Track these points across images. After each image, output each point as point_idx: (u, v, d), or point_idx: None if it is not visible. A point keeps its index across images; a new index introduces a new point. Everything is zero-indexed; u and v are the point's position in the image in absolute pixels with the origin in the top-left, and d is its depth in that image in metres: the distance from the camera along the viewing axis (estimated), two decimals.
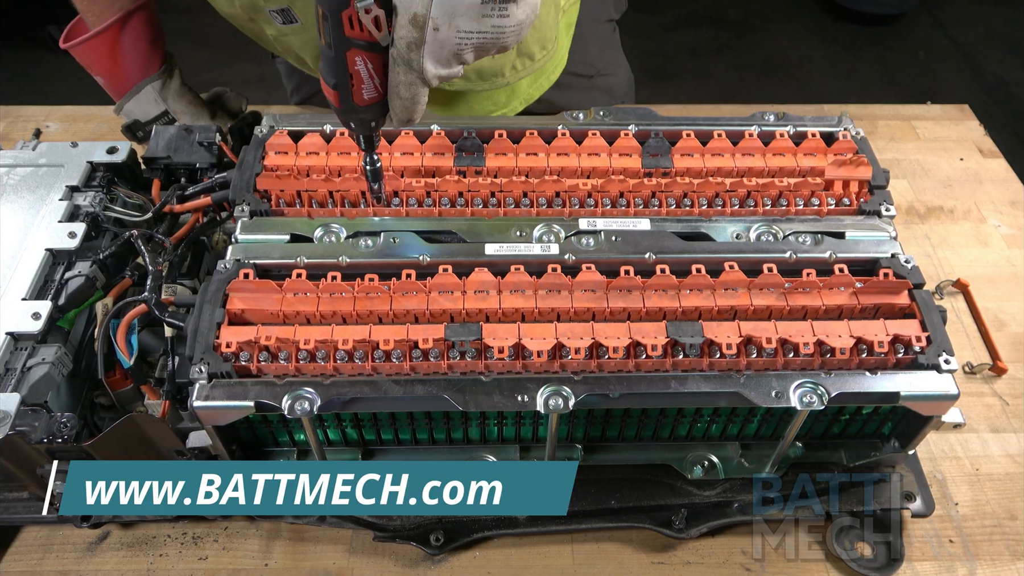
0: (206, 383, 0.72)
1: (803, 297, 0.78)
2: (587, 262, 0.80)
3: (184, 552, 0.82)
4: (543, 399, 0.73)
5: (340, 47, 0.63)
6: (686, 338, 0.75)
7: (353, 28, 0.62)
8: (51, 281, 0.84)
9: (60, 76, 3.03)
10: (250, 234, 0.84)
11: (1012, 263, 1.13)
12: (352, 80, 0.66)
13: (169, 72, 1.14)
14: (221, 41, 3.23)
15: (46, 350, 0.79)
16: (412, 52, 0.63)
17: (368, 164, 0.79)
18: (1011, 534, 0.85)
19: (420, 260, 0.81)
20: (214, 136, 1.00)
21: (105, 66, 1.10)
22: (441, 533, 0.81)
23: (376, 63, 0.65)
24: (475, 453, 0.86)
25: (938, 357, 0.75)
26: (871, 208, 0.88)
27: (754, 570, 0.82)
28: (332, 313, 0.76)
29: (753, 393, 0.73)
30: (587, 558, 0.83)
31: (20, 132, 1.26)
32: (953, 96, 1.44)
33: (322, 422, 0.82)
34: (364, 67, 0.65)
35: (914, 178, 1.26)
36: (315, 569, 0.81)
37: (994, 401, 0.97)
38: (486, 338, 0.74)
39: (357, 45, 0.63)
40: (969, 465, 0.91)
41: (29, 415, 0.73)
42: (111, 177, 0.95)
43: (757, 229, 0.86)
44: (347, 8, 0.61)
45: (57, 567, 0.81)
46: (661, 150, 0.92)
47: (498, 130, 0.92)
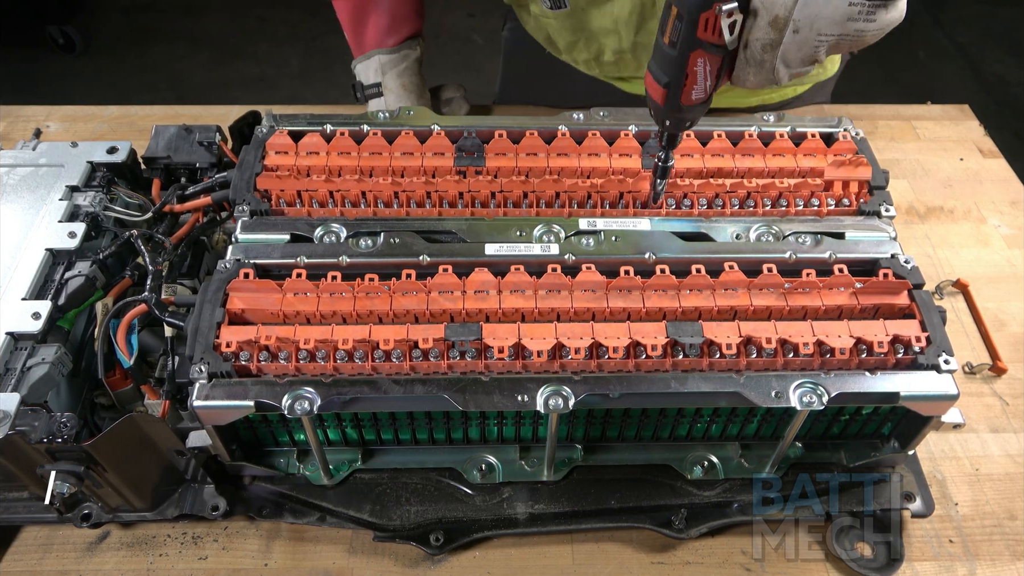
0: (206, 383, 0.72)
1: (803, 297, 0.78)
2: (587, 262, 0.80)
3: (184, 552, 0.82)
4: (543, 399, 0.73)
5: (686, 47, 0.64)
6: (686, 338, 0.75)
7: (707, 30, 0.62)
8: (51, 281, 0.84)
9: (60, 76, 3.04)
10: (250, 234, 0.84)
11: (1012, 263, 1.13)
12: (686, 80, 0.66)
13: (404, 52, 1.17)
14: (221, 41, 3.23)
15: (46, 350, 0.79)
16: (766, 53, 0.63)
17: (661, 161, 0.80)
18: (1011, 534, 0.85)
19: (420, 260, 0.81)
20: (214, 136, 1.00)
21: (347, 26, 1.16)
22: (441, 533, 0.81)
23: (714, 65, 0.65)
24: (475, 453, 0.86)
25: (938, 357, 0.75)
26: (871, 208, 0.88)
27: (754, 570, 0.82)
28: (332, 313, 0.77)
29: (753, 393, 0.74)
30: (587, 558, 0.83)
31: (20, 132, 1.26)
32: (953, 96, 1.44)
33: (322, 422, 0.82)
34: (703, 68, 0.65)
35: (914, 178, 1.26)
36: (315, 569, 0.81)
37: (994, 401, 0.97)
38: (486, 338, 0.74)
39: (704, 47, 0.63)
40: (969, 465, 0.91)
41: (29, 415, 0.73)
42: (111, 177, 0.95)
43: (757, 229, 0.86)
44: (707, 10, 0.61)
45: (57, 567, 0.81)
46: None
47: (498, 130, 0.92)
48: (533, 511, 0.83)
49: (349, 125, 0.93)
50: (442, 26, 3.28)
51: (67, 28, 3.06)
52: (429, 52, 1.20)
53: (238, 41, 3.24)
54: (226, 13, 3.36)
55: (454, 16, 3.34)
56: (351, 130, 0.92)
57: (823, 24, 0.61)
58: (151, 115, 1.31)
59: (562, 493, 0.84)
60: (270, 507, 0.83)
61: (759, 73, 0.65)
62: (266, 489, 0.84)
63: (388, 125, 0.93)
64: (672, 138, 0.76)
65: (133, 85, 2.98)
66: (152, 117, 1.30)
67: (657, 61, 0.67)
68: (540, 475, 0.85)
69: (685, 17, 0.62)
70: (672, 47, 0.64)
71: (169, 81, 3.01)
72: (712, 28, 0.62)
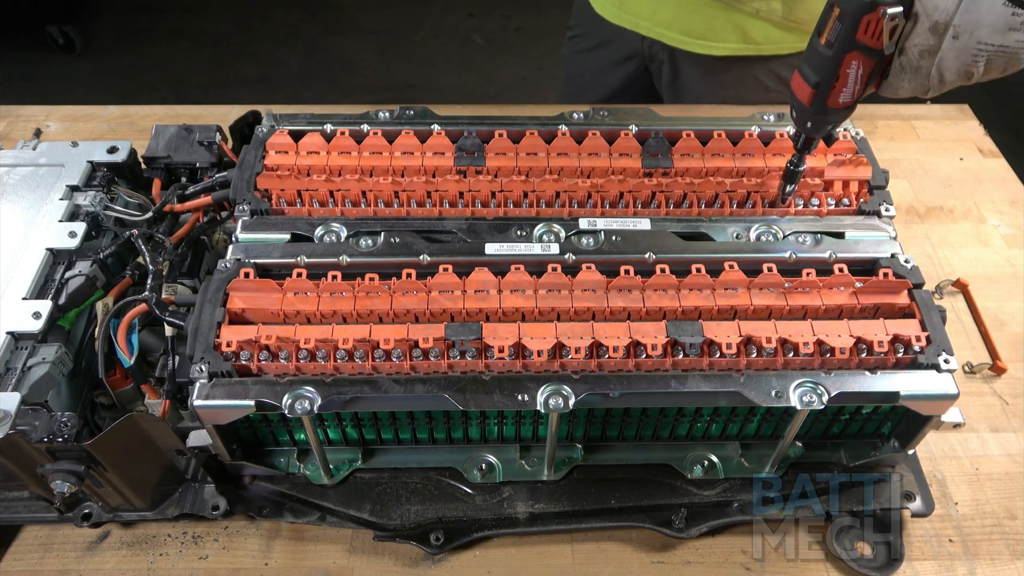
0: (206, 382, 0.72)
1: (803, 297, 0.78)
2: (587, 262, 0.80)
3: (184, 551, 0.82)
4: (543, 398, 0.73)
5: (843, 48, 0.64)
6: (686, 338, 0.75)
7: (867, 33, 0.62)
8: (51, 280, 0.84)
9: (60, 76, 3.04)
10: (250, 233, 0.84)
11: (1012, 263, 1.13)
12: (836, 82, 0.66)
13: None
14: (221, 41, 3.23)
15: (46, 349, 0.79)
16: (923, 59, 0.63)
17: (794, 165, 0.81)
18: (1011, 534, 0.86)
19: (420, 260, 0.81)
20: (214, 135, 1.00)
21: None
22: (441, 533, 0.81)
23: (867, 69, 0.66)
24: (475, 452, 0.86)
25: (938, 357, 0.75)
26: (871, 208, 0.88)
27: (754, 570, 0.82)
28: (332, 312, 0.77)
29: (753, 393, 0.74)
30: (587, 558, 0.83)
31: (20, 132, 1.26)
32: (953, 96, 1.45)
33: (322, 421, 0.82)
34: (856, 72, 0.66)
35: (914, 178, 1.26)
36: (315, 568, 0.81)
37: (994, 401, 0.97)
38: (486, 338, 0.74)
39: (861, 49, 0.63)
40: (969, 465, 0.91)
41: (29, 414, 0.73)
42: (111, 176, 0.95)
43: (757, 229, 0.86)
44: (871, 12, 0.61)
45: (57, 566, 0.81)
46: (661, 150, 0.92)
47: (498, 130, 0.92)
48: (533, 510, 0.83)
49: (349, 125, 0.93)
50: (442, 26, 3.28)
51: (67, 28, 3.06)
52: (429, 52, 1.19)
53: (238, 41, 3.24)
54: (226, 13, 3.36)
55: (454, 16, 3.34)
56: (351, 130, 0.92)
57: (984, 32, 0.60)
58: (151, 115, 1.31)
59: (562, 493, 0.84)
60: (270, 506, 0.83)
61: (914, 79, 0.65)
62: (266, 488, 0.84)
63: (388, 125, 0.94)
64: (809, 142, 0.76)
65: (133, 85, 2.98)
66: (152, 117, 1.29)
67: (809, 61, 0.68)
68: (540, 475, 0.85)
69: (847, 18, 0.62)
70: (828, 47, 0.64)
71: (169, 81, 3.01)
72: (873, 31, 0.62)
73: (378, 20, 3.31)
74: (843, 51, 0.64)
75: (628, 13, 1.27)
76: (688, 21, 1.20)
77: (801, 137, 0.77)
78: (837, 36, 0.63)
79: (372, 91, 3.00)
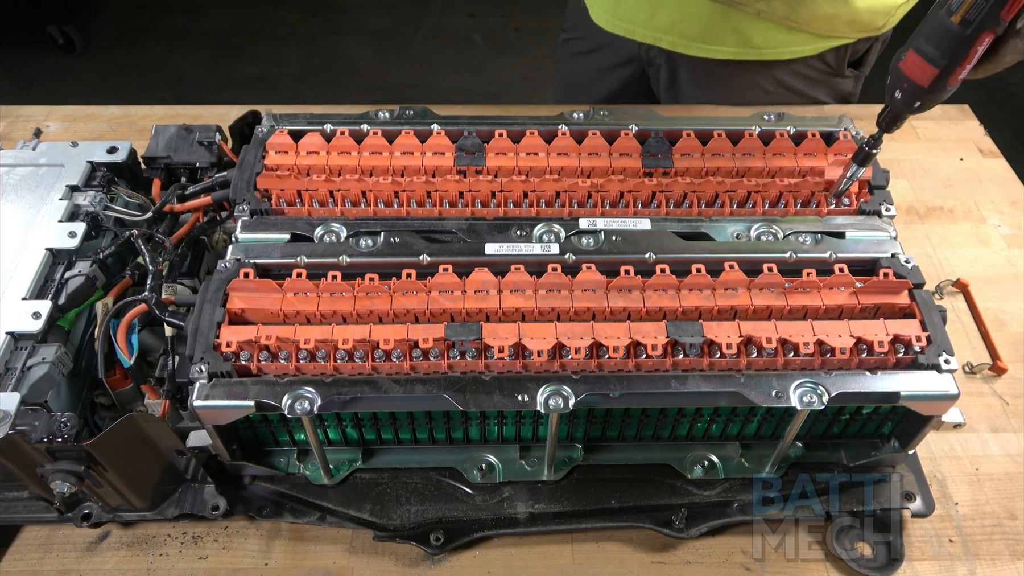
0: (206, 382, 0.72)
1: (803, 297, 0.78)
2: (587, 262, 0.80)
3: (184, 551, 0.82)
4: (543, 399, 0.73)
5: (981, 27, 0.64)
6: (686, 338, 0.75)
7: (1010, 11, 0.63)
8: (51, 280, 0.84)
9: (60, 76, 3.04)
10: (250, 233, 0.84)
11: (1012, 263, 1.13)
12: (964, 61, 0.66)
13: None
14: (221, 41, 3.23)
15: (46, 349, 0.79)
16: None
17: (869, 146, 0.80)
18: (1011, 534, 0.85)
19: (420, 260, 0.81)
20: (214, 135, 1.00)
21: None
22: (441, 533, 0.81)
23: (988, 48, 0.66)
24: (475, 452, 0.86)
25: (938, 357, 0.75)
26: (871, 208, 0.88)
27: (754, 570, 0.82)
28: (332, 313, 0.77)
29: (753, 393, 0.74)
30: (587, 558, 0.83)
31: (20, 132, 1.26)
32: (953, 96, 1.44)
33: (322, 421, 0.82)
34: (981, 50, 0.66)
35: (914, 178, 1.26)
36: (315, 569, 0.81)
37: (994, 401, 0.97)
38: (486, 338, 0.74)
39: (995, 28, 0.64)
40: (969, 465, 0.91)
41: (29, 415, 0.73)
42: (111, 177, 0.95)
43: (757, 229, 0.86)
44: None
45: (57, 566, 0.81)
46: (661, 150, 0.92)
47: (498, 130, 0.92)
48: (533, 511, 0.83)
49: (349, 125, 0.93)
50: (442, 26, 3.28)
51: (67, 28, 3.06)
52: (429, 52, 1.20)
53: (238, 41, 3.24)
54: (226, 13, 3.36)
55: (454, 16, 3.34)
56: (351, 130, 0.92)
57: None
58: (151, 115, 1.31)
59: (562, 493, 0.84)
60: (270, 507, 0.83)
61: (1015, 50, 0.67)
62: (266, 489, 0.84)
63: (388, 125, 0.94)
64: (895, 120, 0.76)
65: (133, 85, 2.98)
66: (152, 117, 1.29)
67: (935, 42, 0.67)
68: (540, 475, 0.85)
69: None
70: (964, 26, 0.64)
71: (169, 81, 3.01)
72: (1012, 7, 0.62)
73: (378, 20, 3.31)
74: (982, 30, 0.64)
75: (623, 20, 1.26)
76: (687, 24, 1.20)
77: (888, 115, 0.76)
78: (980, 14, 0.63)
79: (372, 91, 3.00)
